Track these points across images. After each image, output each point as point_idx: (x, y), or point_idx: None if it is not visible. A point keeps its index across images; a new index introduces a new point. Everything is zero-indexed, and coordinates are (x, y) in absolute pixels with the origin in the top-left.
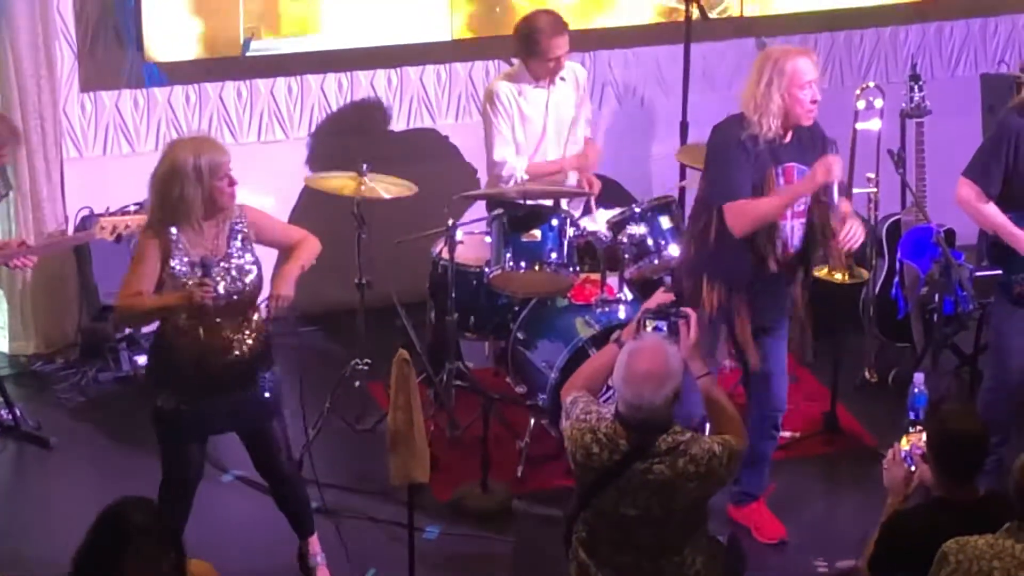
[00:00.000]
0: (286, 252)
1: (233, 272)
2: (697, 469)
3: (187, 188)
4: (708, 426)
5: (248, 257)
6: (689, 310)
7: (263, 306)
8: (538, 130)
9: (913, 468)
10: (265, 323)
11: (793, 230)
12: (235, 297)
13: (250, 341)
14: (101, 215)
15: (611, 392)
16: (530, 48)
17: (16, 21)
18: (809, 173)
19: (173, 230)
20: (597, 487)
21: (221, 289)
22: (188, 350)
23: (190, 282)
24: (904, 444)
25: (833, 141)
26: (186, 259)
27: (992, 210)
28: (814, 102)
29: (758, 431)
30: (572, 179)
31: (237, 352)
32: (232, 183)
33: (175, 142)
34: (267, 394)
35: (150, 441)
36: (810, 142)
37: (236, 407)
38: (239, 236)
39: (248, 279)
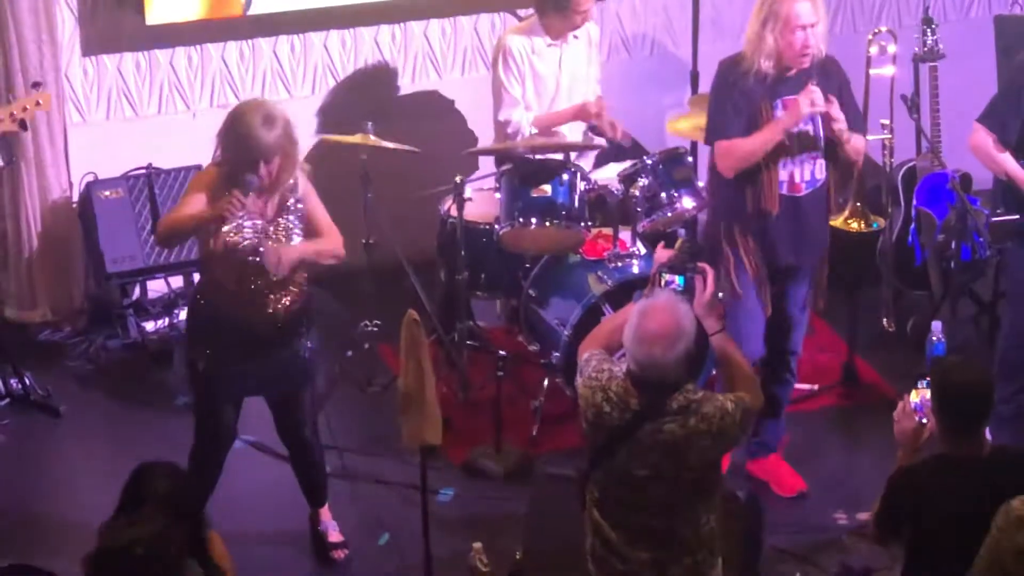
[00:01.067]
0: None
1: (280, 234)
2: (709, 428)
3: (237, 156)
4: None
5: (296, 226)
6: (705, 265)
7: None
8: (551, 89)
9: (924, 421)
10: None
11: (803, 164)
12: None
13: (287, 301)
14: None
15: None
16: (558, 3)
17: None
18: (792, 105)
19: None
20: (608, 447)
21: (260, 244)
22: (225, 306)
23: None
24: (914, 397)
25: (847, 80)
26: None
27: (1007, 158)
28: (806, 46)
29: (773, 376)
30: (578, 132)
31: (272, 311)
32: (269, 173)
33: (260, 107)
34: (303, 359)
35: (160, 407)
36: (821, 77)
37: (271, 369)
38: (292, 212)
39: (291, 242)
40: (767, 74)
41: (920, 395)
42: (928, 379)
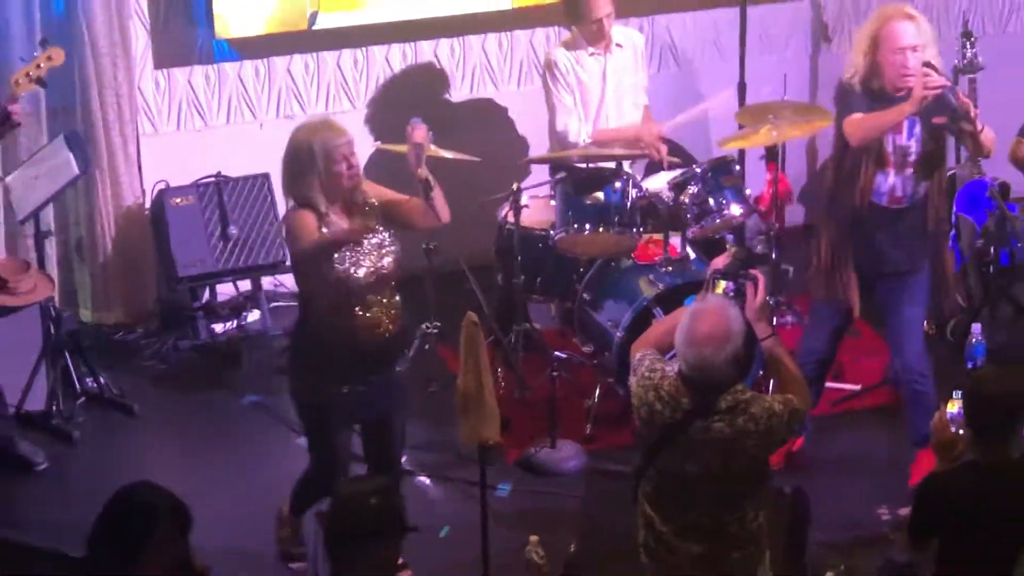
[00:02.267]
0: (412, 207)
1: (375, 250)
2: (757, 427)
3: (305, 172)
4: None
5: (387, 235)
6: (757, 272)
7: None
8: (596, 97)
9: (961, 431)
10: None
11: (904, 183)
12: (377, 275)
13: (392, 325)
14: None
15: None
16: (575, 11)
17: (93, 4)
18: (915, 87)
19: (320, 207)
20: (660, 444)
21: (366, 266)
22: (341, 330)
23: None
24: (951, 407)
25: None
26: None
27: None
28: (905, 67)
29: (899, 382)
30: None
31: (382, 330)
32: (351, 166)
33: (299, 126)
34: (401, 379)
35: (229, 406)
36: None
37: (379, 390)
38: (374, 215)
39: (387, 259)
40: (876, 92)
41: (956, 405)
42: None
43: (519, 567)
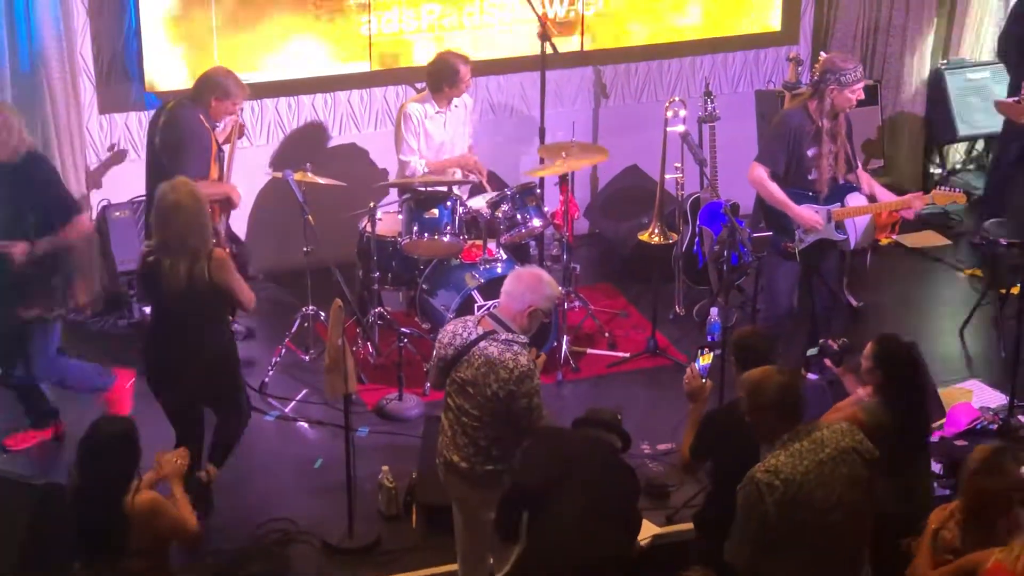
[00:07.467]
0: None
1: None
2: (510, 373)
3: (208, 224)
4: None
5: None
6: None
7: None
8: (437, 143)
9: (706, 380)
10: None
11: None
12: None
13: None
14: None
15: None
16: (451, 80)
17: (50, 63)
18: None
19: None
20: (457, 358)
21: None
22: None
23: None
24: (703, 360)
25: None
26: None
27: (776, 187)
28: None
29: None
30: (458, 174)
31: None
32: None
33: (181, 190)
34: None
35: None
36: None
37: None
38: None
39: None
40: None
41: (707, 360)
42: (705, 349)
43: (374, 489)
